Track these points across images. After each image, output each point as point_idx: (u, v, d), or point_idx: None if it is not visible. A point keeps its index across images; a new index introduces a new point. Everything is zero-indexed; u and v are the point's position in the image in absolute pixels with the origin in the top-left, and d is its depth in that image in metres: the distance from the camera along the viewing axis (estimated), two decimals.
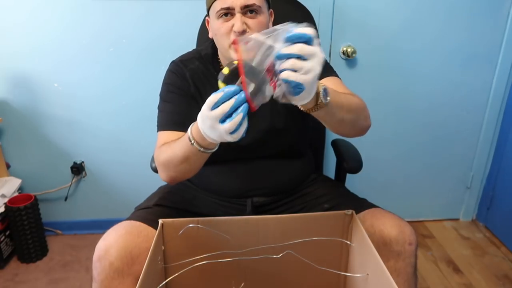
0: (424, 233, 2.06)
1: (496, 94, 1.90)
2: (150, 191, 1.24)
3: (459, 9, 1.75)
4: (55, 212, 2.01)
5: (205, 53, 1.16)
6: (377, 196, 1.40)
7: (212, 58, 1.14)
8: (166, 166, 1.00)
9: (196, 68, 1.13)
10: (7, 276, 1.75)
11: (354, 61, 1.81)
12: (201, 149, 0.87)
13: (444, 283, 1.73)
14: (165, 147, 1.01)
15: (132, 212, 1.11)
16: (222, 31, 1.02)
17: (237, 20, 0.99)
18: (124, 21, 1.71)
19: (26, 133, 1.85)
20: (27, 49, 1.72)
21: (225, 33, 1.02)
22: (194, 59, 1.15)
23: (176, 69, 1.13)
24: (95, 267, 0.95)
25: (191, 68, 1.13)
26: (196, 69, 1.13)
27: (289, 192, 1.21)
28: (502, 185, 1.97)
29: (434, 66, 1.84)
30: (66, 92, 1.80)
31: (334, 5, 1.72)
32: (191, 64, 1.14)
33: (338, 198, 1.16)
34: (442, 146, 2.00)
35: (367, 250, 0.88)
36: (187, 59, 1.15)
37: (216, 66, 1.14)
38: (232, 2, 0.99)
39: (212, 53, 1.15)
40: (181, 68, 1.13)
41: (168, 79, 1.14)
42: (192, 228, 0.97)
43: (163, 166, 1.01)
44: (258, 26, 1.01)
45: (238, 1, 0.99)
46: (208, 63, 1.14)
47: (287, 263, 1.00)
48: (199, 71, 1.13)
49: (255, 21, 1.01)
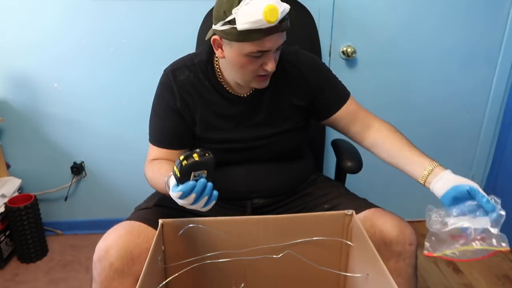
0: (424, 233, 2.05)
1: (496, 93, 1.90)
2: (150, 191, 1.24)
3: (459, 9, 1.75)
4: (55, 212, 2.01)
5: (199, 60, 1.11)
6: (377, 196, 1.40)
7: (206, 65, 1.11)
8: (150, 183, 1.09)
9: (185, 79, 1.10)
10: (7, 276, 1.75)
11: (354, 61, 1.81)
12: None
13: (444, 283, 1.73)
14: (151, 169, 1.09)
15: (132, 212, 1.11)
16: (249, 68, 0.99)
17: (271, 61, 0.98)
18: (124, 21, 1.70)
19: (26, 133, 1.85)
20: (27, 49, 1.72)
21: (253, 70, 1.00)
22: (185, 68, 1.11)
23: (165, 81, 1.11)
24: (95, 267, 0.95)
25: (179, 80, 1.10)
26: (185, 80, 1.10)
27: (289, 193, 1.21)
28: (502, 185, 1.97)
29: (434, 66, 1.84)
30: (66, 91, 1.80)
31: (334, 5, 1.72)
32: (181, 75, 1.10)
33: (338, 198, 1.16)
34: (442, 146, 2.00)
35: (367, 250, 0.88)
36: (177, 68, 1.11)
37: (211, 73, 1.11)
38: (271, 47, 0.95)
39: (206, 60, 1.11)
40: (170, 81, 1.10)
41: (159, 91, 1.14)
42: (192, 228, 0.97)
43: (148, 181, 1.10)
44: (279, 57, 1.03)
45: (275, 45, 0.96)
46: (199, 71, 1.11)
47: (287, 263, 1.00)
48: (188, 82, 1.10)
49: (278, 53, 1.01)
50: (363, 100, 1.87)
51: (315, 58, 1.19)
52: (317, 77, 1.14)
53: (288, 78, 1.12)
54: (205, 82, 1.11)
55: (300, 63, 1.13)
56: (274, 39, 0.93)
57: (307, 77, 1.13)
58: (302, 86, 1.13)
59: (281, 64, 1.11)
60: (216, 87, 1.11)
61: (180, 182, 0.84)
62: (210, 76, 1.11)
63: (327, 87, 1.15)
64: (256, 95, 1.12)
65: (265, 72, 1.00)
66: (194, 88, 1.10)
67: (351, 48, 1.77)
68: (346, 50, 1.77)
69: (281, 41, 0.96)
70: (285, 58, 1.12)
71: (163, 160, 1.11)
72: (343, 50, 1.78)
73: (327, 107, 1.15)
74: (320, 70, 1.16)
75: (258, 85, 1.05)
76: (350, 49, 1.77)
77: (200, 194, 0.84)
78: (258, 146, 1.14)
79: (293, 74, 1.13)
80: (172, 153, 1.12)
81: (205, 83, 1.11)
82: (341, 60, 1.81)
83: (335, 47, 1.79)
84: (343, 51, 1.78)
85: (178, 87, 1.09)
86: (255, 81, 1.04)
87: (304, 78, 1.13)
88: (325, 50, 1.74)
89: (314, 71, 1.14)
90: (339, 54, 1.80)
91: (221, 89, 1.11)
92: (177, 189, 0.84)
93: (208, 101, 1.11)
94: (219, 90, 1.11)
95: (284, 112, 1.14)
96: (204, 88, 1.11)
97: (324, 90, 1.14)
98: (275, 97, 1.13)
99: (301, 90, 1.13)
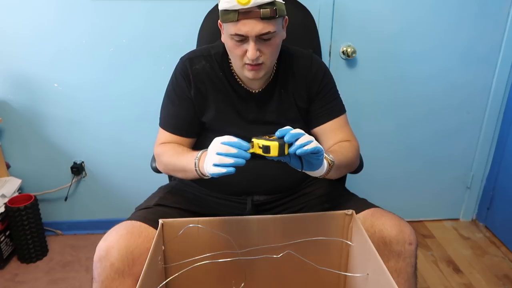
0: (424, 233, 2.06)
1: (496, 94, 1.90)
2: (150, 191, 1.24)
3: (458, 9, 1.75)
4: (55, 212, 2.01)
5: (215, 52, 1.14)
6: (377, 196, 1.40)
7: (222, 57, 1.14)
8: (165, 166, 1.14)
9: (201, 68, 1.13)
10: (7, 276, 1.75)
11: (354, 61, 1.81)
12: (199, 174, 1.00)
13: (444, 283, 1.73)
14: (170, 152, 1.12)
15: (132, 212, 1.11)
16: (235, 53, 1.02)
17: (251, 49, 0.98)
18: (124, 21, 1.70)
19: (26, 133, 1.85)
20: (27, 49, 1.72)
21: (239, 55, 1.02)
22: (202, 58, 1.14)
23: (182, 69, 1.14)
24: (96, 268, 0.95)
25: (195, 69, 1.13)
26: (201, 69, 1.13)
27: (290, 191, 1.21)
28: (502, 185, 1.97)
29: (434, 66, 1.84)
30: (66, 92, 1.80)
31: (334, 5, 1.72)
32: (197, 64, 1.13)
33: (338, 198, 1.17)
34: (442, 146, 2.00)
35: (367, 250, 0.88)
36: (195, 57, 1.15)
37: (225, 65, 1.13)
38: (247, 31, 0.96)
39: (222, 52, 1.13)
40: (186, 69, 1.13)
41: (174, 78, 1.16)
42: (192, 228, 0.97)
43: (162, 165, 1.15)
44: (271, 51, 1.02)
45: (253, 31, 0.96)
46: (215, 62, 1.13)
47: (287, 263, 1.00)
48: (204, 72, 1.13)
49: (269, 46, 1.01)
50: (363, 100, 1.89)
51: (325, 66, 1.20)
52: (320, 84, 1.15)
53: (298, 80, 1.14)
54: (219, 73, 1.13)
55: (312, 67, 1.16)
56: (250, 24, 0.95)
57: (313, 82, 1.15)
58: (307, 89, 1.15)
59: (294, 66, 1.14)
60: (229, 80, 1.13)
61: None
62: (225, 68, 1.13)
63: (324, 97, 1.16)
64: (266, 93, 1.14)
65: (249, 61, 1.01)
66: (208, 78, 1.13)
67: (351, 48, 1.77)
68: (346, 50, 1.77)
69: (259, 28, 0.96)
70: (298, 60, 1.15)
71: (175, 144, 1.15)
72: (343, 50, 1.78)
73: (316, 116, 1.17)
74: (326, 79, 1.17)
75: (249, 75, 1.05)
76: (350, 49, 1.77)
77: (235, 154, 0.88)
78: None
79: (303, 77, 1.15)
80: (182, 140, 1.15)
81: (219, 74, 1.13)
82: (341, 60, 1.81)
83: (335, 47, 1.79)
84: (343, 51, 1.78)
85: (194, 75, 1.12)
86: (245, 70, 1.05)
87: (310, 82, 1.15)
88: (325, 50, 1.74)
89: (319, 78, 1.15)
90: (339, 54, 1.80)
91: (234, 82, 1.13)
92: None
93: (220, 93, 1.13)
94: (231, 83, 1.13)
95: (292, 113, 1.16)
96: (218, 79, 1.13)
97: (320, 99, 1.16)
98: (285, 98, 1.15)
99: (306, 93, 1.16)
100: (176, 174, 1.11)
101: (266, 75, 1.10)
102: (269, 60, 1.04)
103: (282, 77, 1.14)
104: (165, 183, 1.31)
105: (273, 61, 1.08)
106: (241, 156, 0.87)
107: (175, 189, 1.22)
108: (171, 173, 1.17)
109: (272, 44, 1.01)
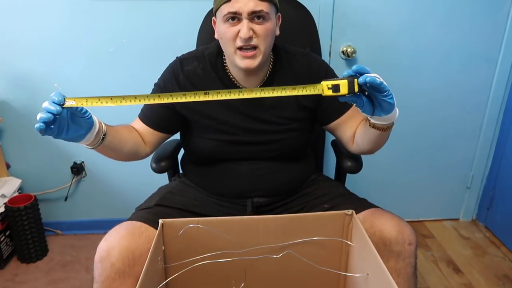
0: (424, 233, 2.06)
1: (496, 94, 1.90)
2: (150, 191, 1.24)
3: (458, 9, 1.75)
4: (55, 212, 2.01)
5: (209, 53, 1.14)
6: (377, 196, 1.40)
7: (216, 57, 1.13)
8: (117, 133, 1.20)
9: (192, 69, 1.13)
10: (7, 276, 1.75)
11: (354, 61, 1.81)
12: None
13: (444, 283, 1.73)
14: (126, 127, 1.18)
15: (132, 212, 1.11)
16: (228, 36, 1.01)
17: (244, 26, 0.98)
18: (124, 21, 1.71)
19: (26, 133, 1.85)
20: (27, 49, 1.72)
21: (231, 38, 1.01)
22: (194, 59, 1.14)
23: (173, 68, 1.14)
24: (97, 268, 0.95)
25: (187, 70, 1.13)
26: (192, 71, 1.12)
27: (290, 193, 1.21)
28: (502, 185, 1.97)
29: (434, 66, 1.84)
30: (66, 92, 1.75)
31: (334, 5, 1.72)
32: (189, 65, 1.13)
33: (338, 198, 1.17)
34: (442, 146, 2.00)
35: (367, 250, 0.88)
36: (187, 57, 1.15)
37: (219, 66, 1.13)
38: (240, 7, 0.97)
39: (216, 53, 1.13)
40: (177, 69, 1.13)
41: (165, 74, 1.16)
42: (192, 228, 0.97)
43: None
44: (265, 33, 1.01)
45: (246, 7, 0.97)
46: (208, 63, 1.13)
47: (287, 263, 1.00)
48: (194, 73, 1.12)
49: (262, 27, 1.01)
50: None
51: (326, 63, 1.20)
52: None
53: (297, 78, 1.13)
54: (212, 74, 1.13)
55: (310, 65, 1.15)
56: (243, 1, 0.97)
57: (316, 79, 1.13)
58: None
59: (291, 64, 1.13)
60: (223, 80, 1.12)
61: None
62: (219, 69, 1.13)
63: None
64: None
65: (242, 42, 1.00)
66: (199, 80, 1.12)
67: (351, 48, 1.77)
68: (346, 50, 1.77)
69: (252, 5, 0.97)
70: (296, 58, 1.15)
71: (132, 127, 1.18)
72: (343, 50, 1.78)
73: (328, 113, 1.16)
74: (329, 75, 1.16)
75: (242, 64, 1.03)
76: (350, 49, 1.77)
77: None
78: (263, 141, 1.14)
79: (302, 75, 1.14)
80: (153, 133, 1.16)
81: (212, 75, 1.13)
82: (341, 60, 1.81)
83: (335, 47, 1.79)
84: (343, 51, 1.78)
85: (184, 76, 1.12)
86: (238, 58, 1.03)
87: (313, 80, 1.13)
88: (325, 50, 1.74)
89: (322, 75, 1.14)
90: (339, 54, 1.80)
91: (228, 81, 1.12)
92: None
93: None
94: (225, 82, 1.12)
95: (290, 111, 1.14)
96: (210, 80, 1.12)
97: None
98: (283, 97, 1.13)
99: None
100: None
101: (260, 67, 1.07)
102: (263, 45, 1.02)
103: (279, 76, 1.13)
104: (165, 183, 1.31)
105: (267, 48, 1.04)
106: (47, 110, 0.85)
107: (176, 189, 1.22)
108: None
109: (265, 26, 1.01)
